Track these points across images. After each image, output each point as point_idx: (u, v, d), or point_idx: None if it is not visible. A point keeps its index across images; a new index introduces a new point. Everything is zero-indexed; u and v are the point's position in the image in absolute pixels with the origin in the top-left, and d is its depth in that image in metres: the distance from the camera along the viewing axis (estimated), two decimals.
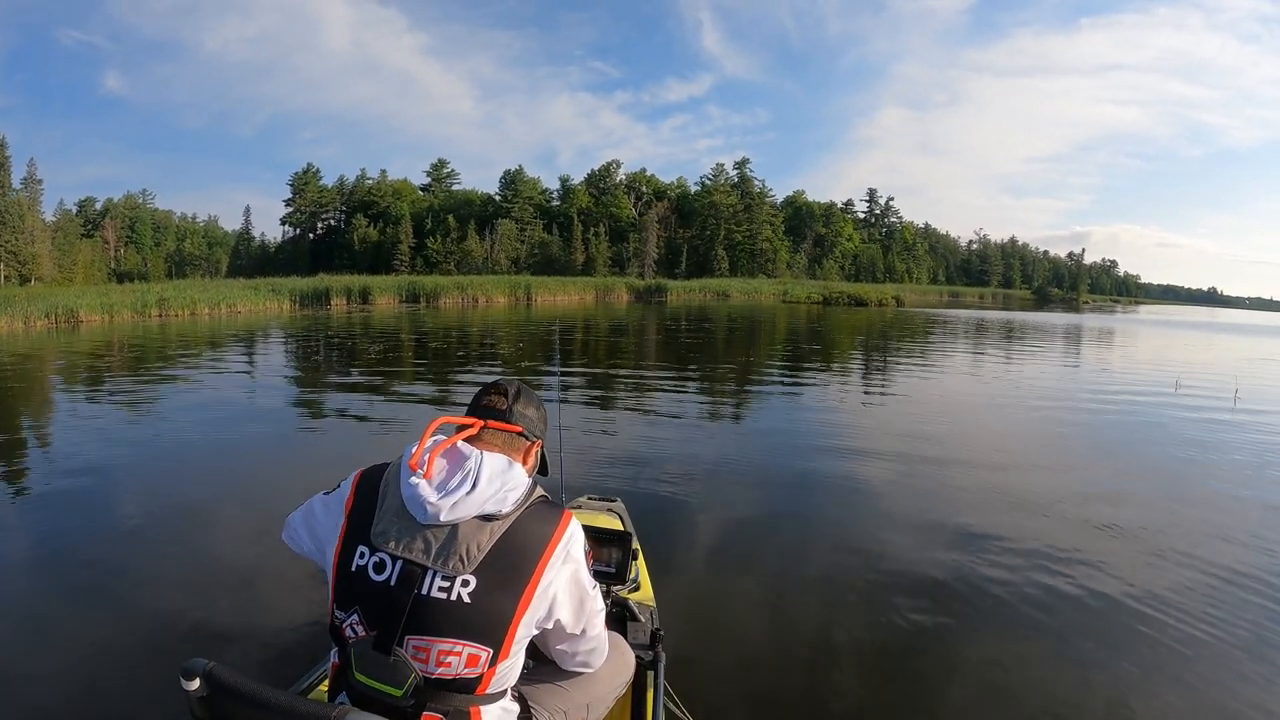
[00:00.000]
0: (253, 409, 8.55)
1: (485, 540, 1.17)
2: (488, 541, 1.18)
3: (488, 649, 1.18)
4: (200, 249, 78.06)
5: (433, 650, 1.16)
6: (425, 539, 1.17)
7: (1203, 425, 7.98)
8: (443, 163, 79.61)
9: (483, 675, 1.19)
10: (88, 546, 3.92)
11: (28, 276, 44.17)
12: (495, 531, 1.19)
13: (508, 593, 1.18)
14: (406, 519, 1.19)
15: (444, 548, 1.17)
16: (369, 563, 1.19)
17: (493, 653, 1.18)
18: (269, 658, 2.73)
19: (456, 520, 1.18)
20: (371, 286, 34.93)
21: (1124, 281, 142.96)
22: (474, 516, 1.18)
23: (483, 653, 1.17)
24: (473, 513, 1.18)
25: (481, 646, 1.17)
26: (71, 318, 21.46)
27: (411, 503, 1.19)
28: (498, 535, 1.18)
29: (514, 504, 1.22)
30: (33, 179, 49.48)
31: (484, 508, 1.19)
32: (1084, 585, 3.51)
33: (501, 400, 1.37)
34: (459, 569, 1.16)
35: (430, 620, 1.16)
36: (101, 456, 5.80)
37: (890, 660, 2.85)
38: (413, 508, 1.19)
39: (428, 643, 1.16)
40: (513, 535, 1.20)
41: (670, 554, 3.74)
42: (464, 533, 1.17)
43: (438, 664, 1.16)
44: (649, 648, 1.85)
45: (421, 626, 1.16)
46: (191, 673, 1.09)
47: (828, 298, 49.19)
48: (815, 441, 6.90)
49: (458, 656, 1.16)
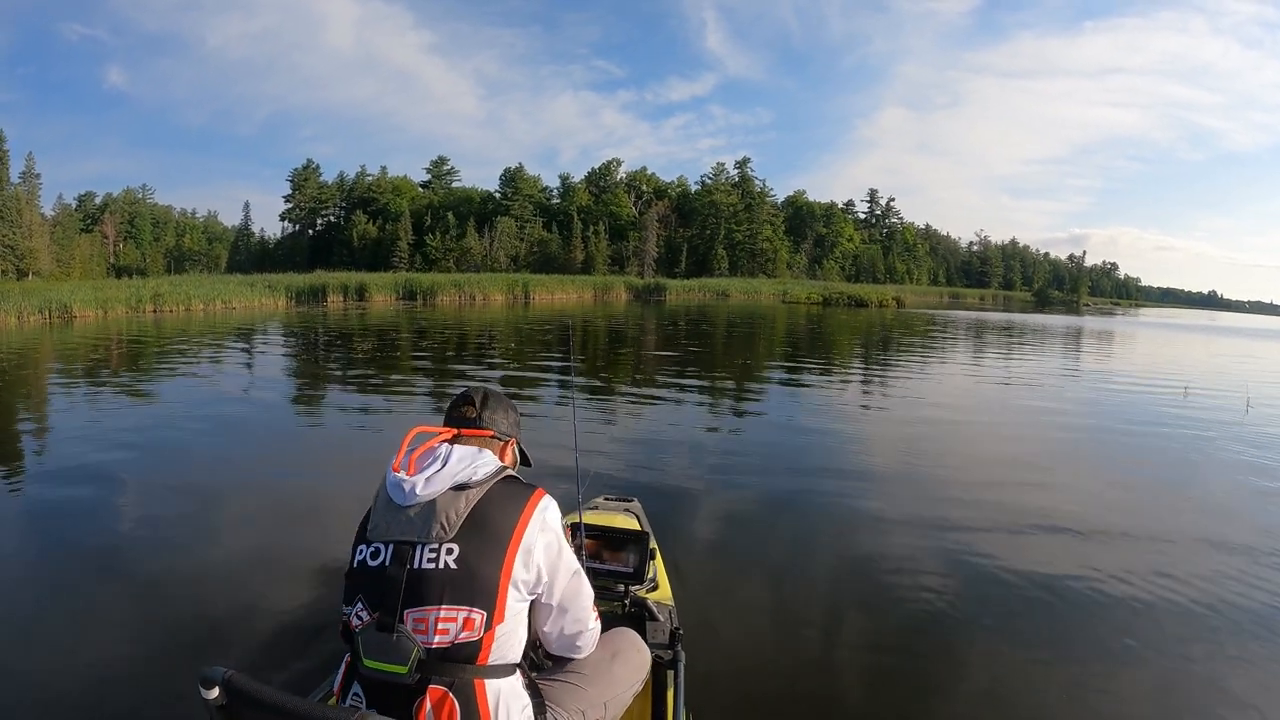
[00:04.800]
0: (250, 408, 8.39)
1: (462, 507, 1.28)
2: (465, 508, 1.28)
3: (482, 611, 1.24)
4: (199, 244, 77.92)
5: (430, 619, 1.23)
6: (408, 517, 1.28)
7: (1213, 433, 7.83)
8: (443, 160, 79.43)
9: (481, 640, 1.24)
10: (86, 549, 3.87)
11: (25, 271, 44.03)
12: (471, 499, 1.29)
13: (491, 554, 1.27)
14: (391, 507, 1.31)
15: (425, 520, 1.27)
16: (365, 555, 1.30)
17: (487, 615, 1.25)
18: (282, 663, 2.68)
19: (432, 494, 1.29)
20: (368, 284, 34.75)
21: (1124, 284, 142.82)
22: (448, 489, 1.29)
23: (477, 615, 1.24)
24: (446, 485, 1.30)
25: (475, 609, 1.24)
26: (65, 313, 21.30)
27: (393, 490, 1.32)
28: (474, 502, 1.29)
29: (484, 476, 1.33)
30: (31, 173, 49.25)
31: (455, 479, 1.31)
32: (1087, 588, 3.51)
33: (471, 409, 1.50)
34: (442, 535, 1.26)
35: (425, 591, 1.23)
36: (96, 459, 5.66)
37: (902, 661, 2.86)
38: (394, 494, 1.32)
39: (425, 613, 1.23)
40: (488, 502, 1.30)
41: (687, 553, 3.75)
42: (441, 504, 1.28)
43: (437, 632, 1.22)
44: (668, 647, 1.84)
45: (418, 598, 1.23)
46: (210, 681, 1.10)
47: (828, 298, 49.03)
48: (821, 443, 6.99)
49: (454, 622, 1.23)
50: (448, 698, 1.22)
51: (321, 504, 4.67)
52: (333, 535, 3.92)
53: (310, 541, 4.02)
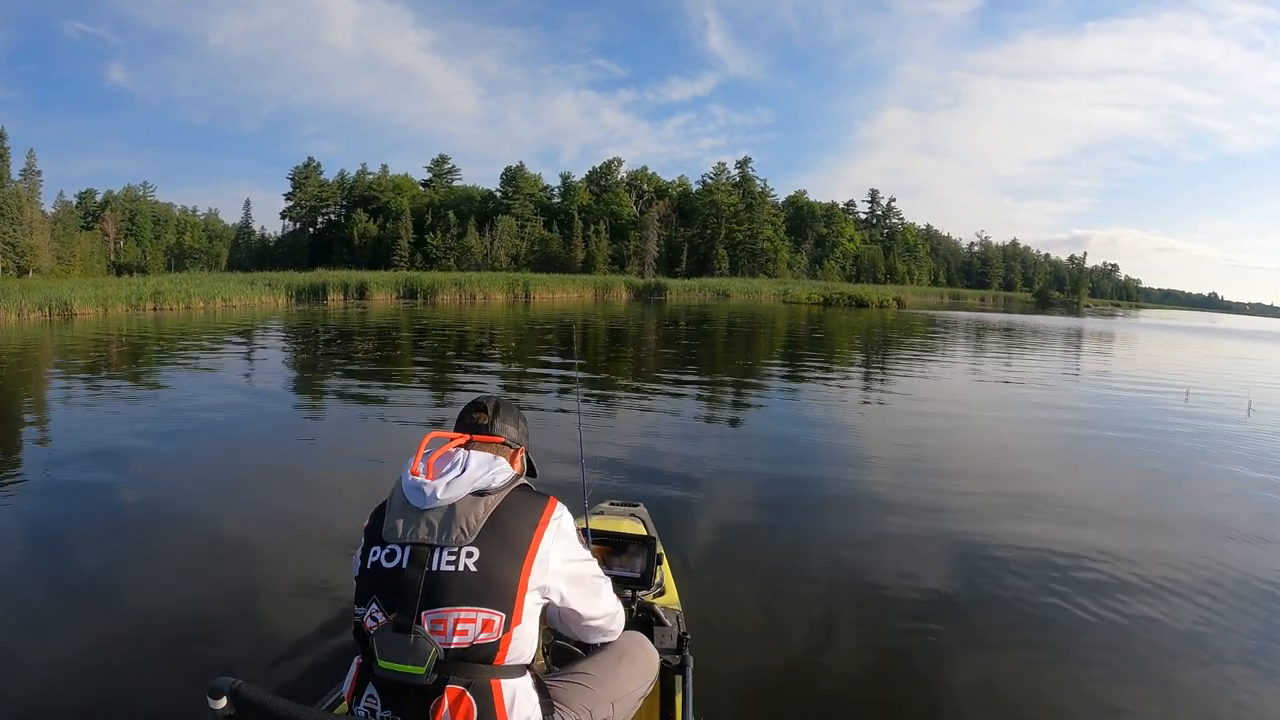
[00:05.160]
0: (250, 407, 8.35)
1: (481, 513, 1.30)
2: (484, 513, 1.30)
3: (500, 613, 1.26)
4: (200, 242, 77.79)
5: (449, 620, 1.24)
6: (427, 521, 1.29)
7: (1215, 438, 7.81)
8: (444, 158, 79.40)
9: (499, 641, 1.26)
10: (86, 548, 3.85)
11: (25, 268, 44.01)
12: (490, 505, 1.31)
13: (511, 558, 1.28)
14: (409, 510, 1.32)
15: (445, 524, 1.28)
16: (380, 556, 1.30)
17: (505, 617, 1.26)
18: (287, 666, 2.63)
19: (453, 499, 1.30)
20: (368, 282, 34.67)
21: (1125, 285, 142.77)
22: (468, 494, 1.31)
23: (496, 616, 1.25)
24: (466, 490, 1.31)
25: (494, 611, 1.25)
26: (65, 310, 21.26)
27: (411, 492, 1.32)
28: (492, 508, 1.31)
29: (502, 483, 1.35)
30: (32, 170, 49.28)
31: (475, 484, 1.32)
32: (1089, 589, 3.51)
33: (483, 416, 1.53)
34: (462, 539, 1.27)
35: (444, 593, 1.25)
36: (95, 458, 5.64)
37: (910, 663, 2.86)
38: (412, 497, 1.32)
39: (444, 614, 1.24)
40: (506, 509, 1.32)
41: (694, 557, 3.76)
42: (461, 508, 1.29)
43: (455, 633, 1.24)
44: (676, 652, 1.84)
45: (436, 600, 1.24)
46: (218, 691, 1.10)
47: (828, 298, 49.02)
48: (824, 445, 7.02)
49: (473, 623, 1.24)
50: (465, 697, 1.23)
51: (322, 503, 4.64)
52: (336, 535, 3.90)
53: (315, 542, 3.99)
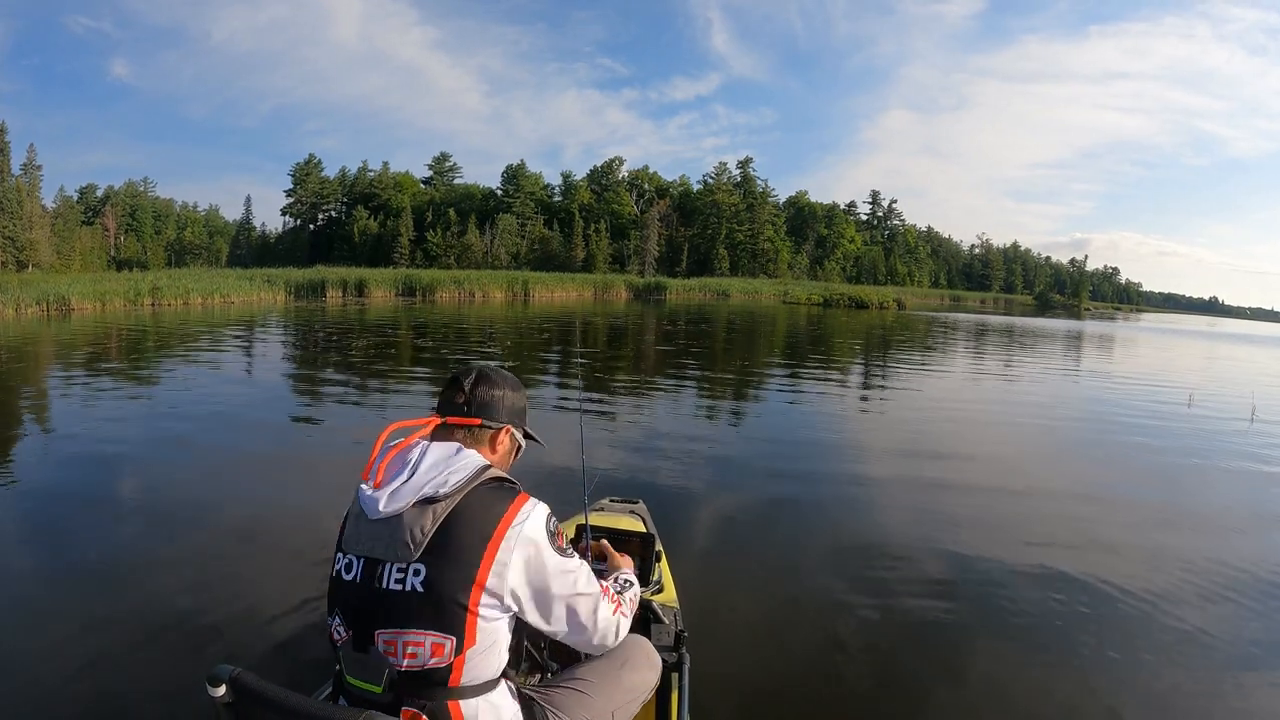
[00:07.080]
0: (249, 403, 8.28)
1: (429, 524, 1.18)
2: (431, 525, 1.18)
3: (450, 637, 1.16)
4: (200, 238, 77.68)
5: (399, 643, 1.17)
6: (376, 533, 1.21)
7: (1219, 442, 7.74)
8: (445, 156, 79.50)
9: (451, 665, 1.17)
10: (85, 544, 3.81)
11: (25, 263, 43.92)
12: (439, 514, 1.19)
13: (458, 577, 1.17)
14: (362, 519, 1.24)
15: (391, 538, 1.19)
16: (341, 566, 1.25)
17: (456, 640, 1.17)
18: (284, 658, 2.64)
19: (397, 509, 1.19)
20: (367, 279, 34.56)
21: (1125, 289, 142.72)
22: (414, 504, 1.19)
23: (446, 641, 1.16)
24: (410, 499, 1.19)
25: (443, 635, 1.16)
26: (63, 305, 21.19)
27: (364, 502, 1.24)
28: (441, 518, 1.18)
29: (455, 486, 1.21)
30: (32, 164, 49.21)
31: (421, 492, 1.20)
32: (1090, 590, 3.51)
33: (459, 394, 1.38)
34: (406, 555, 1.17)
35: (392, 613, 1.17)
36: (92, 456, 5.58)
37: (908, 661, 2.85)
38: (365, 506, 1.23)
39: (394, 635, 1.17)
40: (458, 517, 1.19)
41: (693, 555, 3.73)
42: (407, 520, 1.18)
43: (406, 655, 1.17)
44: (673, 649, 1.82)
45: (387, 619, 1.18)
46: (218, 679, 1.11)
47: (828, 299, 48.94)
48: (823, 443, 7.03)
49: (421, 647, 1.16)
50: (420, 718, 1.19)
51: (322, 501, 4.57)
52: (334, 525, 3.83)
53: (311, 536, 3.93)
